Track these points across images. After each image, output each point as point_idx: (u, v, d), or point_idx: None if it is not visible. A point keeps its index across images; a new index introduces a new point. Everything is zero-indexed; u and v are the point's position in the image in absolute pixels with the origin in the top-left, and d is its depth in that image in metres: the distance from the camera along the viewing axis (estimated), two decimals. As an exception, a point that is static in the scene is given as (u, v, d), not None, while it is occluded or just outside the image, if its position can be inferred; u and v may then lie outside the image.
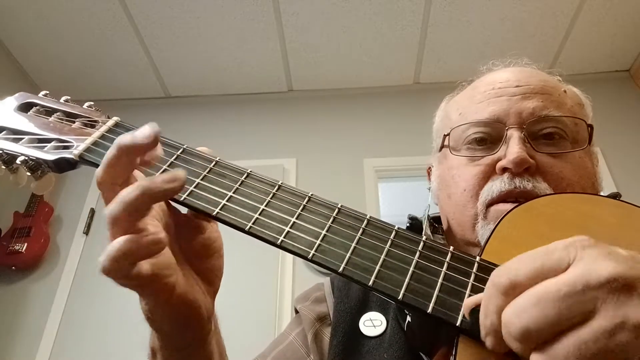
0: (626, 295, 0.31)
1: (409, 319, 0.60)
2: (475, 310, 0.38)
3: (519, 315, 0.33)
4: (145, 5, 2.45)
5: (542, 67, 0.73)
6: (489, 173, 0.62)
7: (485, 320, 0.36)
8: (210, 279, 0.49)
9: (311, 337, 0.68)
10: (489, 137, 0.64)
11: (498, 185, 0.60)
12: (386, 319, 0.65)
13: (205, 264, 0.49)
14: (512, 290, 0.34)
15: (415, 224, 0.71)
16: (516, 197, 0.58)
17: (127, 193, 0.39)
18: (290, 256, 2.32)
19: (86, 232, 2.49)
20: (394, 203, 3.14)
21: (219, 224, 0.48)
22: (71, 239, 2.49)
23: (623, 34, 2.63)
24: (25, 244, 2.38)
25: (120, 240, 0.39)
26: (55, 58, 2.74)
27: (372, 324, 0.65)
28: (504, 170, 0.60)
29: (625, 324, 0.30)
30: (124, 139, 0.41)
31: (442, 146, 0.70)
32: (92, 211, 2.56)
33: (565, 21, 2.54)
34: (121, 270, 0.39)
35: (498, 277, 0.35)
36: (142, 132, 0.41)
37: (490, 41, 2.64)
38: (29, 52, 2.71)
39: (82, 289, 2.33)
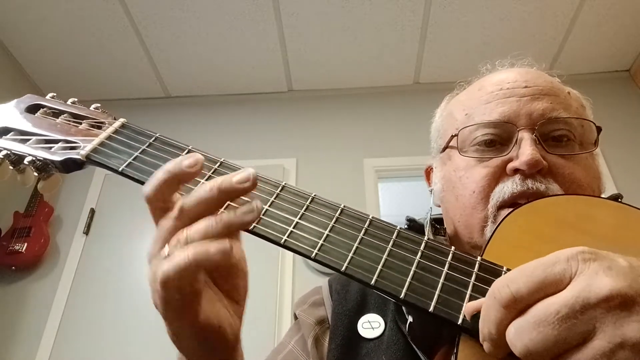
0: (625, 312, 0.30)
1: (410, 319, 0.60)
2: (476, 315, 0.39)
3: (519, 336, 0.33)
4: (145, 5, 2.45)
5: (542, 67, 0.72)
6: (499, 174, 0.61)
7: (483, 328, 0.36)
8: (236, 298, 0.48)
9: (311, 342, 0.68)
10: (499, 139, 0.63)
11: (510, 186, 0.59)
12: (384, 321, 0.65)
13: (230, 284, 0.48)
14: (513, 304, 0.34)
15: (413, 226, 0.70)
16: (528, 199, 0.57)
17: (212, 226, 0.41)
18: (290, 257, 2.32)
19: (86, 232, 2.50)
20: (394, 203, 3.15)
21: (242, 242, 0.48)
22: (71, 239, 2.49)
23: (623, 34, 2.63)
24: (25, 244, 2.38)
25: (200, 247, 0.40)
26: (55, 59, 2.74)
27: (371, 325, 0.65)
28: (515, 171, 0.59)
29: (625, 343, 0.30)
30: (172, 166, 0.43)
31: (447, 147, 0.69)
32: (92, 211, 2.56)
33: (565, 21, 2.55)
34: (189, 278, 0.40)
35: (499, 290, 0.35)
36: (188, 161, 0.43)
37: (490, 41, 2.64)
38: (30, 52, 2.71)
39: (82, 289, 2.33)
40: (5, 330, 2.25)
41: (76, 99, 0.55)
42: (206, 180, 0.48)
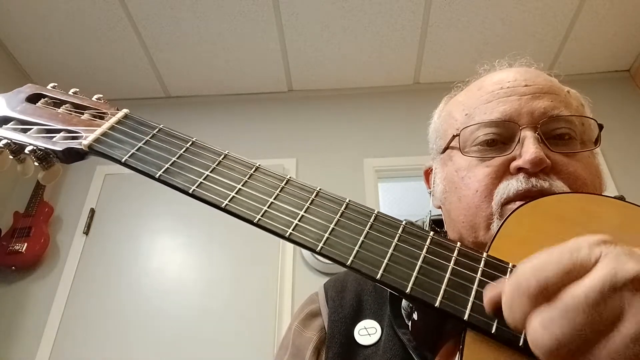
0: None
1: (415, 316, 0.60)
2: (499, 309, 0.37)
3: (547, 327, 0.32)
4: (145, 5, 2.45)
5: (542, 67, 0.72)
6: (502, 173, 0.60)
7: (511, 323, 0.35)
8: None
9: (310, 354, 0.67)
10: (500, 138, 0.62)
11: (514, 184, 0.58)
12: (381, 327, 0.65)
13: None
14: (542, 294, 0.33)
15: None
16: (534, 196, 0.55)
17: None
18: (290, 256, 2.32)
19: (86, 232, 2.49)
20: (394, 203, 3.15)
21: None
22: (71, 239, 2.49)
23: (623, 34, 2.63)
24: (25, 244, 2.37)
25: None
26: (55, 58, 2.74)
27: (367, 332, 0.64)
28: (519, 170, 0.59)
29: None
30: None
31: (447, 147, 0.68)
32: (92, 211, 2.55)
33: (565, 21, 2.55)
34: None
35: (526, 280, 0.34)
36: None
37: (490, 41, 2.64)
38: (29, 52, 2.71)
39: (82, 289, 2.33)
40: (5, 330, 2.24)
41: (78, 89, 0.55)
42: (210, 172, 0.48)
